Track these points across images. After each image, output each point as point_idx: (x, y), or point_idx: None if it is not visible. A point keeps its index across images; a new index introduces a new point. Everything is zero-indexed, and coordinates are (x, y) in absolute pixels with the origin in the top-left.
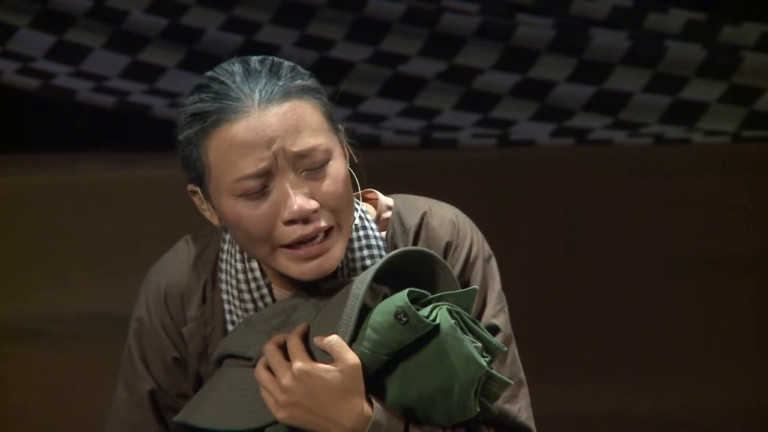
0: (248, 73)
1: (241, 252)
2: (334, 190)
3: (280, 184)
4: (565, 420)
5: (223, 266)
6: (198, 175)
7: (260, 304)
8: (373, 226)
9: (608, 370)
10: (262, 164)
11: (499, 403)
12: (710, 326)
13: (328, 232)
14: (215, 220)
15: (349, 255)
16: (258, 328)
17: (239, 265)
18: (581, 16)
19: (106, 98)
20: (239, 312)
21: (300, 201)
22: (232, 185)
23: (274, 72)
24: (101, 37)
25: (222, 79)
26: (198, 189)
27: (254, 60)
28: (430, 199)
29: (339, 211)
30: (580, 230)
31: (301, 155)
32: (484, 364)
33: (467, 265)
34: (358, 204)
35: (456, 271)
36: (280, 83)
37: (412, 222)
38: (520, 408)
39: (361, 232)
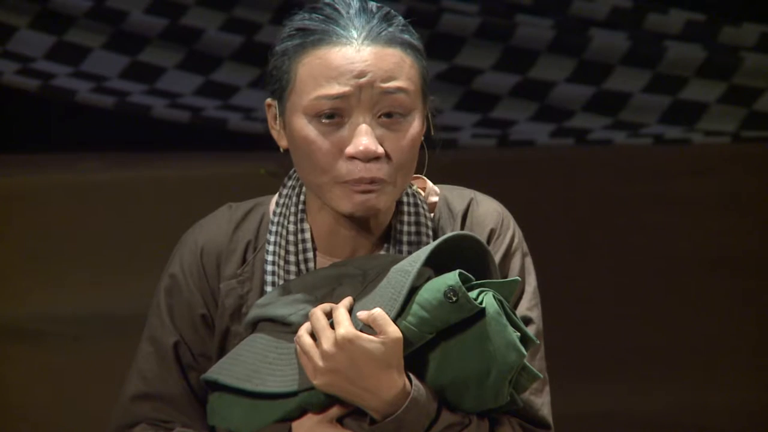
0: (363, 10)
1: (295, 214)
2: (403, 146)
3: (356, 120)
4: (565, 420)
5: (274, 228)
6: (281, 87)
7: (303, 267)
8: (425, 206)
9: (608, 370)
10: (344, 89)
11: (524, 394)
12: (710, 326)
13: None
14: (282, 142)
15: (398, 227)
16: (302, 296)
17: (291, 227)
18: (581, 16)
19: (106, 98)
20: (281, 273)
21: (368, 141)
22: (309, 103)
23: (388, 19)
24: (101, 38)
25: (337, 6)
26: (275, 104)
27: (372, 3)
28: (474, 190)
29: (400, 168)
30: (580, 230)
31: (387, 92)
32: (525, 352)
33: (507, 254)
34: (411, 185)
35: (497, 258)
36: (390, 29)
37: (459, 207)
38: (543, 403)
39: (413, 209)
